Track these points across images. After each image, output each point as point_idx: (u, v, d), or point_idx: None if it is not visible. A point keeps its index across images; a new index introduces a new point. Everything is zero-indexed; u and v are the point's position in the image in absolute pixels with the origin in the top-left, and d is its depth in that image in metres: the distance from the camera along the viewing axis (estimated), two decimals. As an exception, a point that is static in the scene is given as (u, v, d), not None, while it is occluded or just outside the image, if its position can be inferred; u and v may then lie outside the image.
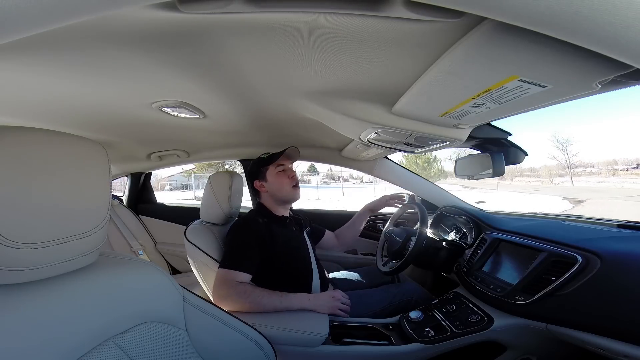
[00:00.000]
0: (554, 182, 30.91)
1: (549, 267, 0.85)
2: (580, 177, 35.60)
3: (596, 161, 53.71)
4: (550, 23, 0.33)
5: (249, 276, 1.00)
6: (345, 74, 0.70)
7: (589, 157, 69.87)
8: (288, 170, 1.24)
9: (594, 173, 39.28)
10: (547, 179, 32.44)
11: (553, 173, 34.74)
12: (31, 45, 0.57)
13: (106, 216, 0.49)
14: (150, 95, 0.90)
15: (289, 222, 1.22)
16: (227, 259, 1.02)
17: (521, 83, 0.54)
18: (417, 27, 0.48)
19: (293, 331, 0.90)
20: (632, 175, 32.65)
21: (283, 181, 1.20)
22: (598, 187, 21.71)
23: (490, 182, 30.37)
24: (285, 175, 1.21)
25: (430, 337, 0.92)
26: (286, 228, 1.18)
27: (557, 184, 29.60)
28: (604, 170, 39.05)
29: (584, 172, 40.62)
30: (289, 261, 1.11)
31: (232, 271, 0.98)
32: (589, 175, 37.85)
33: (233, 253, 1.04)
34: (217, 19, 0.50)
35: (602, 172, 38.02)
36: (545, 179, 33.01)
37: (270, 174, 1.22)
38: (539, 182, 31.89)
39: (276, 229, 1.12)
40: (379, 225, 1.87)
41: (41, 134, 0.42)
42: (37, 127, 0.43)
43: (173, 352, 0.57)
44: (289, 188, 1.20)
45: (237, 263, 1.00)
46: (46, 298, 0.43)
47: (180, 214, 2.22)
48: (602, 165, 44.60)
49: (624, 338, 0.67)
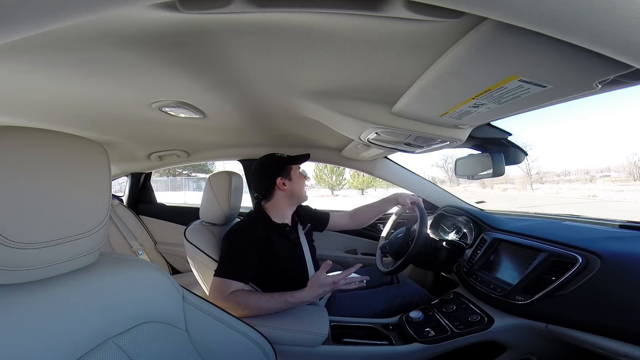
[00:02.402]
0: (527, 189, 30.09)
1: (549, 267, 0.85)
2: (559, 184, 34.46)
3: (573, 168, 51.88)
4: (550, 23, 0.33)
5: (244, 285, 0.99)
6: (345, 74, 0.70)
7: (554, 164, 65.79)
8: (303, 172, 1.30)
9: (571, 180, 37.89)
10: (521, 186, 31.93)
11: (528, 181, 33.66)
12: (31, 45, 0.57)
13: (106, 216, 0.49)
14: (150, 95, 0.90)
15: (288, 230, 1.19)
16: (222, 267, 1.00)
17: (521, 83, 0.54)
18: (417, 27, 0.48)
19: (293, 331, 0.90)
20: (614, 181, 31.39)
21: (303, 182, 1.26)
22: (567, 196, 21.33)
23: (472, 191, 30.01)
24: (302, 176, 1.27)
25: (431, 337, 0.92)
26: (283, 236, 1.15)
27: (534, 190, 28.82)
28: (581, 178, 37.85)
29: (563, 179, 39.30)
30: (285, 267, 1.09)
31: (226, 280, 0.96)
32: (566, 182, 36.42)
33: (228, 261, 1.02)
34: (217, 19, 0.50)
35: (580, 180, 36.79)
36: (519, 185, 32.49)
37: (295, 173, 1.23)
38: (515, 189, 31.28)
39: (273, 237, 1.10)
40: (379, 225, 1.87)
41: (41, 134, 0.42)
42: (37, 127, 0.43)
43: (173, 352, 0.57)
44: (304, 190, 1.26)
45: (231, 272, 0.98)
46: (46, 298, 0.43)
47: (180, 214, 2.22)
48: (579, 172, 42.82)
49: (624, 338, 0.68)
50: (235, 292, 0.95)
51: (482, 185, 34.25)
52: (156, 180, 25.83)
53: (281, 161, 1.22)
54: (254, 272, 1.03)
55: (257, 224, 1.11)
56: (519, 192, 29.16)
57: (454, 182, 33.75)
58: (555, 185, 32.30)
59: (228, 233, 1.10)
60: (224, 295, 0.93)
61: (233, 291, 0.94)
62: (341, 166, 1.92)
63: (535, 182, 35.07)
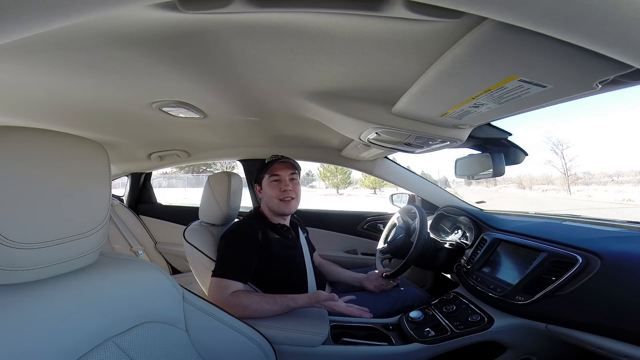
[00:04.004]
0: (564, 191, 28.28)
1: (549, 267, 0.85)
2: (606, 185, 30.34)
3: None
4: (550, 23, 0.33)
5: (243, 285, 0.98)
6: (345, 74, 0.70)
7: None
8: (283, 181, 1.14)
9: (622, 182, 31.36)
10: (561, 187, 29.95)
11: (571, 182, 30.47)
12: (31, 45, 0.57)
13: (106, 216, 0.49)
14: (150, 95, 0.90)
15: (286, 230, 1.17)
16: (220, 267, 0.99)
17: (521, 83, 0.54)
18: (417, 27, 0.48)
19: (293, 331, 0.90)
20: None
21: (273, 193, 1.13)
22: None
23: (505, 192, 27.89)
24: (277, 186, 1.13)
25: (431, 337, 0.92)
26: (281, 235, 1.14)
27: (571, 193, 25.95)
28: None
29: (613, 181, 32.95)
30: (282, 269, 1.08)
31: (224, 280, 0.95)
32: (616, 184, 30.76)
33: (226, 261, 1.01)
34: (217, 19, 0.50)
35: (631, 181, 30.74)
36: (558, 187, 30.48)
37: (266, 182, 1.16)
38: (554, 190, 29.43)
39: (271, 236, 1.09)
40: (379, 225, 1.87)
41: (41, 134, 0.42)
42: (37, 127, 0.43)
43: (173, 352, 0.57)
44: (277, 201, 1.13)
45: (229, 272, 0.97)
46: (46, 298, 0.43)
47: (180, 214, 2.22)
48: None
49: (624, 338, 0.67)
50: (235, 292, 0.94)
51: (520, 186, 32.62)
52: (181, 177, 25.68)
53: (260, 168, 1.20)
54: (252, 271, 1.02)
55: (254, 224, 1.10)
56: (557, 193, 27.54)
57: (490, 183, 31.58)
58: (589, 187, 29.19)
59: (225, 233, 1.09)
60: (224, 296, 0.92)
61: (233, 292, 0.94)
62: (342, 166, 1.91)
63: (580, 184, 32.04)
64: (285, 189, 1.13)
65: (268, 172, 1.15)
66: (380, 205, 8.10)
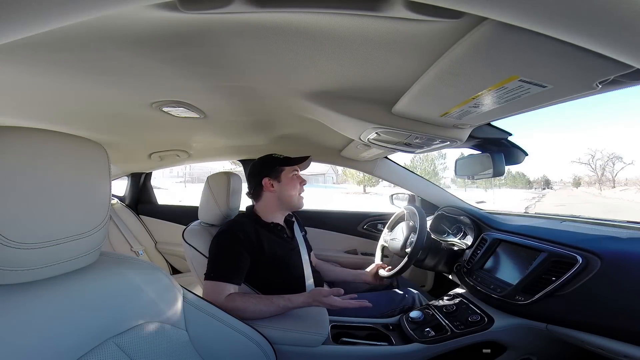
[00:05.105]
0: None
1: (549, 267, 0.85)
2: None
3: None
4: (550, 23, 0.33)
5: (237, 287, 0.97)
6: (345, 74, 0.70)
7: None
8: (300, 177, 1.19)
9: None
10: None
11: None
12: (31, 45, 0.57)
13: (106, 216, 0.49)
14: (150, 95, 0.90)
15: (280, 229, 1.16)
16: (212, 270, 0.97)
17: (521, 83, 0.54)
18: (417, 27, 0.48)
19: (293, 331, 0.90)
20: None
21: (296, 187, 1.16)
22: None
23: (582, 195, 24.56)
24: (297, 181, 1.18)
25: (431, 337, 0.92)
26: (275, 234, 1.13)
27: None
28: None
29: None
30: (278, 268, 1.07)
31: (218, 283, 0.94)
32: None
33: (218, 263, 0.98)
34: (217, 19, 0.50)
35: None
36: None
37: (286, 176, 1.15)
38: None
39: (264, 235, 1.08)
40: (379, 225, 1.87)
41: (41, 134, 0.42)
42: (37, 127, 0.43)
43: (173, 352, 0.57)
44: (298, 196, 1.17)
45: (223, 274, 0.95)
46: (46, 298, 0.43)
47: (180, 214, 2.22)
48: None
49: (624, 338, 0.68)
50: (231, 296, 0.92)
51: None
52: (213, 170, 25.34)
53: (273, 161, 1.17)
54: (245, 272, 1.00)
55: (245, 223, 1.08)
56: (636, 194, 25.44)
57: (576, 184, 28.78)
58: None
59: (216, 235, 1.06)
60: (219, 299, 0.90)
61: (228, 295, 0.92)
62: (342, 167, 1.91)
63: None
64: (303, 184, 1.19)
65: (291, 167, 1.17)
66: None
